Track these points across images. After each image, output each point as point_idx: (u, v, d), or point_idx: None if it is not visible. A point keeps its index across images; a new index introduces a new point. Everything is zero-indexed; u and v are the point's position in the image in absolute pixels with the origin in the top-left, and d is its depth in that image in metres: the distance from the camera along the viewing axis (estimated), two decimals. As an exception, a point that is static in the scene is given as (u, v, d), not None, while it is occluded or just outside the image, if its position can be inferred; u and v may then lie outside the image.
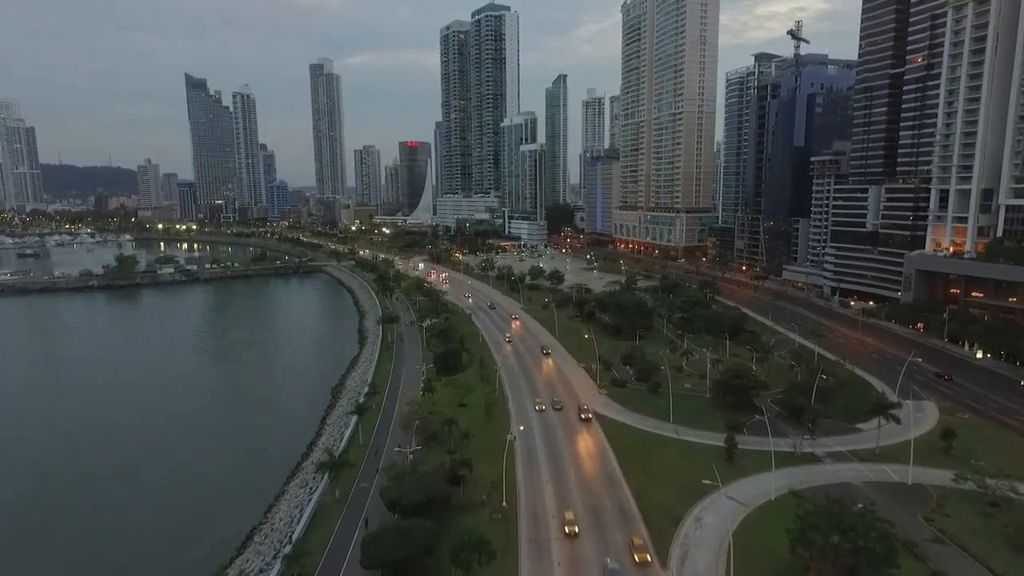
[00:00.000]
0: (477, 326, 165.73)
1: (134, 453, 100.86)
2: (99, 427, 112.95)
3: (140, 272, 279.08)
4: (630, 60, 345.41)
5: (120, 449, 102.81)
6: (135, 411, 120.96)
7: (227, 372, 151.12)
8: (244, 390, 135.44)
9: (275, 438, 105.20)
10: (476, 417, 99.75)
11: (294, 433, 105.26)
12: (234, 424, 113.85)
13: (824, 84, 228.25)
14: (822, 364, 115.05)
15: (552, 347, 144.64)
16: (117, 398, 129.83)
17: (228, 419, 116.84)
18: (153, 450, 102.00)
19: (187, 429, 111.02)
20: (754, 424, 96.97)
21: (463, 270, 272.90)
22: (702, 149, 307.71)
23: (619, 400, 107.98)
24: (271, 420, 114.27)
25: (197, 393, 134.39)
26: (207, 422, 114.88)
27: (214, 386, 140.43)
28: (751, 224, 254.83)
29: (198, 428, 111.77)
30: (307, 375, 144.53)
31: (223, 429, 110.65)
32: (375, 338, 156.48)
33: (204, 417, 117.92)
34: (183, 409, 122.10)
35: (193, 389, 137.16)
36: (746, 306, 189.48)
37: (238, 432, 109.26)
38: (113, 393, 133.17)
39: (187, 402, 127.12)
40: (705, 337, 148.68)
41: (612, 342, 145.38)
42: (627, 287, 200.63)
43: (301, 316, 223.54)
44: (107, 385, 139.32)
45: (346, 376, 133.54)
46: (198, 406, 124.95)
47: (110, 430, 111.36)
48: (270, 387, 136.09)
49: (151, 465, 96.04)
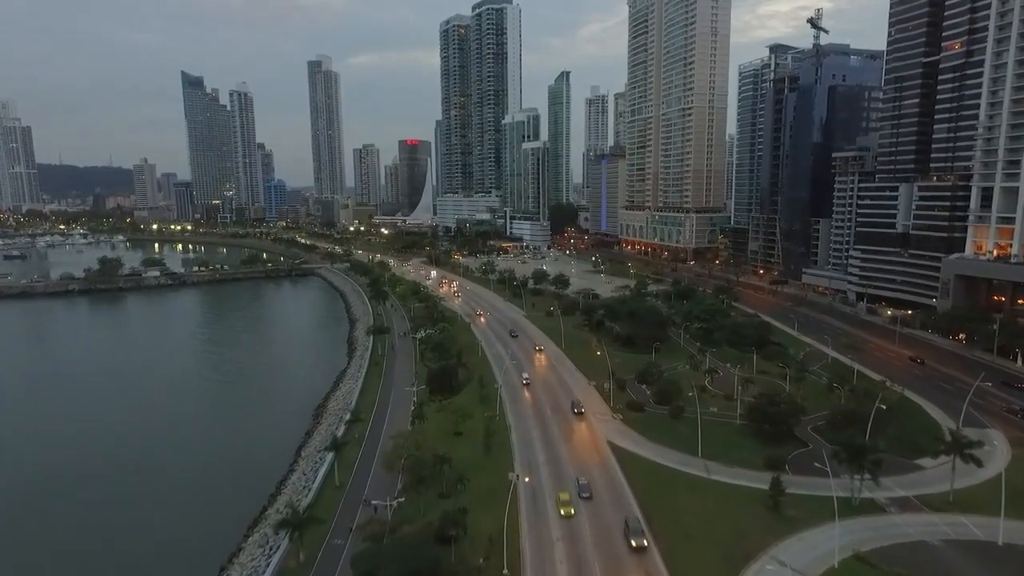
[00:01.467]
0: (476, 336, 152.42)
1: (54, 513, 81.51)
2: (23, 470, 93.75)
3: (124, 276, 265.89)
4: (637, 54, 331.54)
5: (37, 508, 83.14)
6: (71, 445, 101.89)
7: (199, 391, 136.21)
8: (215, 413, 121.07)
9: (243, 472, 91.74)
10: (473, 450, 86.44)
11: (265, 465, 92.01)
12: (197, 457, 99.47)
13: (846, 76, 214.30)
14: (868, 386, 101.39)
15: (558, 361, 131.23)
16: (54, 431, 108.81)
17: (191, 451, 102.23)
18: (89, 496, 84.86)
19: (141, 464, 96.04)
20: (797, 459, 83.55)
21: (462, 273, 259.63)
22: (713, 146, 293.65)
23: (637, 427, 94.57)
24: (241, 450, 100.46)
25: (159, 419, 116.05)
26: (166, 456, 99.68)
27: (181, 409, 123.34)
28: (766, 225, 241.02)
29: (153, 465, 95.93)
30: (288, 393, 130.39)
31: (184, 464, 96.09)
32: (364, 350, 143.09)
33: (163, 448, 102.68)
34: (138, 438, 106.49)
35: (155, 413, 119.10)
36: (766, 313, 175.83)
37: (200, 467, 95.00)
38: (53, 423, 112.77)
39: (146, 429, 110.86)
40: (727, 350, 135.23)
41: (625, 356, 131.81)
42: (637, 292, 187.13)
43: (289, 324, 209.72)
44: (49, 411, 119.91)
45: (331, 395, 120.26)
46: (157, 434, 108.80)
47: (38, 474, 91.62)
48: (245, 409, 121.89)
49: (77, 519, 79.64)
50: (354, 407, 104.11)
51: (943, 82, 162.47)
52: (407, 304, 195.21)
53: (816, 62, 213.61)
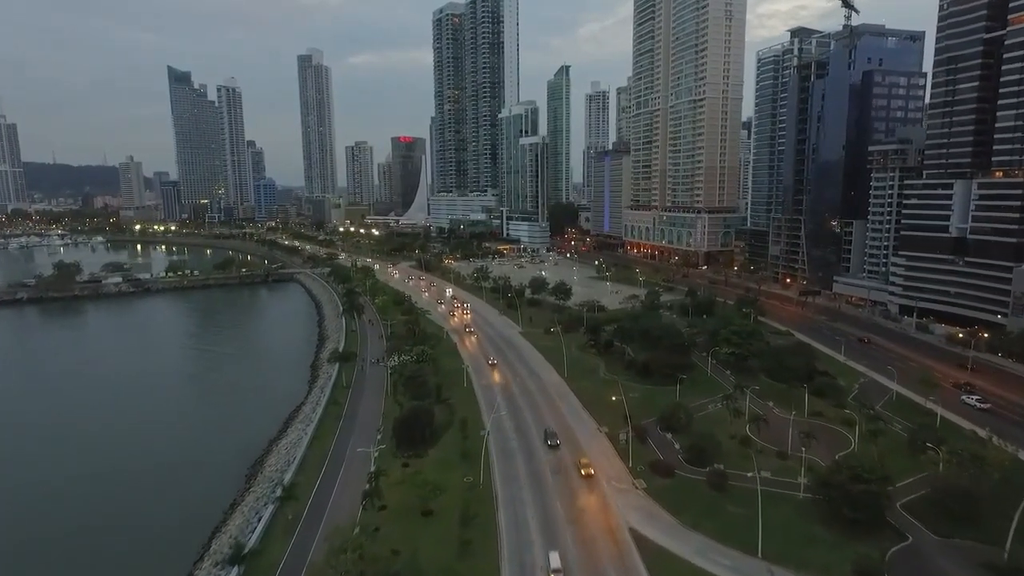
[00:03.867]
0: (463, 361, 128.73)
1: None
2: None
3: (81, 283, 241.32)
4: (643, 42, 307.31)
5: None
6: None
7: (114, 437, 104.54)
8: (117, 474, 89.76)
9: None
10: (445, 544, 62.76)
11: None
12: (62, 550, 72.20)
13: (883, 59, 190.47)
14: (966, 444, 77.51)
15: (560, 395, 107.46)
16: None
17: (60, 538, 74.35)
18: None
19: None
20: (898, 560, 60.06)
21: (453, 279, 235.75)
22: (727, 140, 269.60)
23: (667, 502, 71.04)
24: (127, 548, 71.92)
25: (28, 492, 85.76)
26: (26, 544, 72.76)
27: (77, 467, 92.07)
28: (789, 227, 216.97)
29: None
30: (223, 441, 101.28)
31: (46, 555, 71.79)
32: (327, 381, 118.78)
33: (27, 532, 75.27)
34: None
35: (29, 478, 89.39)
36: (800, 330, 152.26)
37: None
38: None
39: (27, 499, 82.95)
40: (763, 380, 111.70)
41: (641, 389, 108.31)
42: (650, 305, 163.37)
43: (251, 341, 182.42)
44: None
45: (274, 445, 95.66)
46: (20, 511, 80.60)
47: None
48: (158, 471, 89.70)
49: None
50: (294, 470, 79.55)
51: (1008, 61, 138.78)
52: (388, 316, 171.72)
53: (848, 44, 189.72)
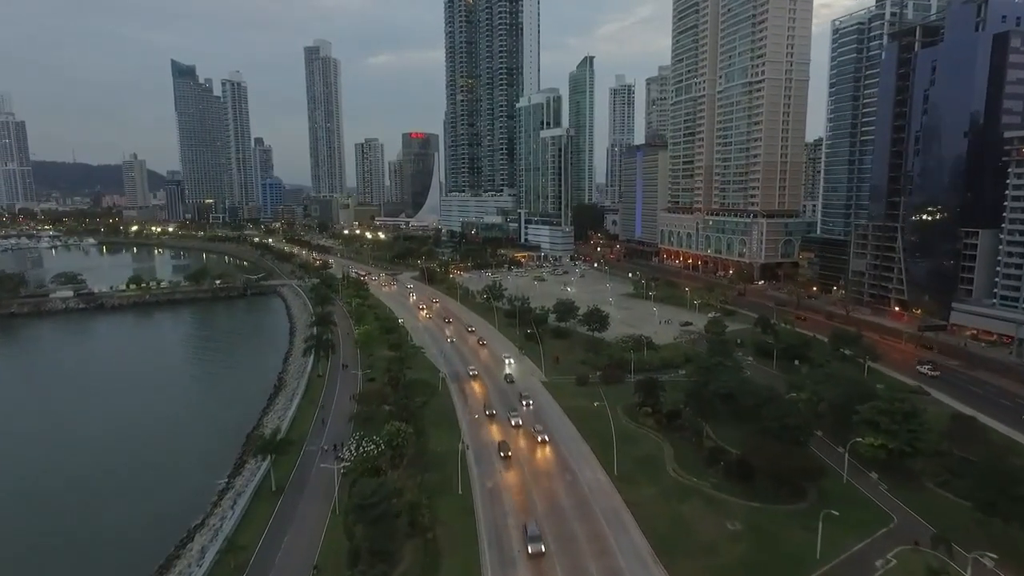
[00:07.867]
0: (462, 434, 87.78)
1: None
2: None
3: (21, 297, 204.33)
4: (685, 17, 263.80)
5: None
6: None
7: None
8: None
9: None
10: None
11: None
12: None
13: (1021, 19, 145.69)
14: None
15: (614, 520, 65.59)
16: None
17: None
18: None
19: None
20: None
21: (459, 297, 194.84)
22: (789, 130, 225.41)
23: None
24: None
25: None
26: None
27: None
28: (879, 236, 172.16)
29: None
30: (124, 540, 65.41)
31: None
32: (251, 477, 78.06)
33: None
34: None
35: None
36: (933, 385, 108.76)
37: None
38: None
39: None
40: (932, 490, 69.05)
41: (745, 508, 66.09)
42: (719, 344, 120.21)
43: (197, 384, 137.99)
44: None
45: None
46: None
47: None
48: None
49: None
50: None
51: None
52: (372, 350, 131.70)
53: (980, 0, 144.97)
